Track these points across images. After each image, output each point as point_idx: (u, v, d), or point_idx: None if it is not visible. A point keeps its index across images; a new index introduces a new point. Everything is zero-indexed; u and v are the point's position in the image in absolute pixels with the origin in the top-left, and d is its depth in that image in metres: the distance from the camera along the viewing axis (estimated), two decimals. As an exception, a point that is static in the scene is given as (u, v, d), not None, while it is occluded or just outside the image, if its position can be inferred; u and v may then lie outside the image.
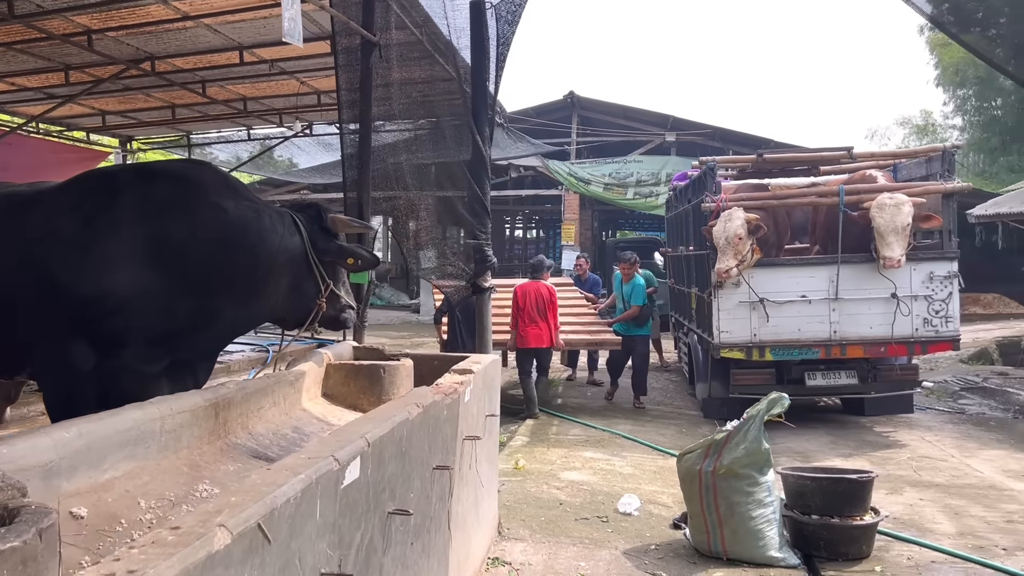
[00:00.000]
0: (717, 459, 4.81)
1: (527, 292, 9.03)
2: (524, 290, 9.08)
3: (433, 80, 6.31)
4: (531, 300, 8.96)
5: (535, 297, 8.98)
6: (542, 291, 9.05)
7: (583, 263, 12.55)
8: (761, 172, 9.69)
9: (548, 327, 9.02)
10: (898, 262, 7.80)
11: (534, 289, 9.05)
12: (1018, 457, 7.50)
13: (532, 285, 9.13)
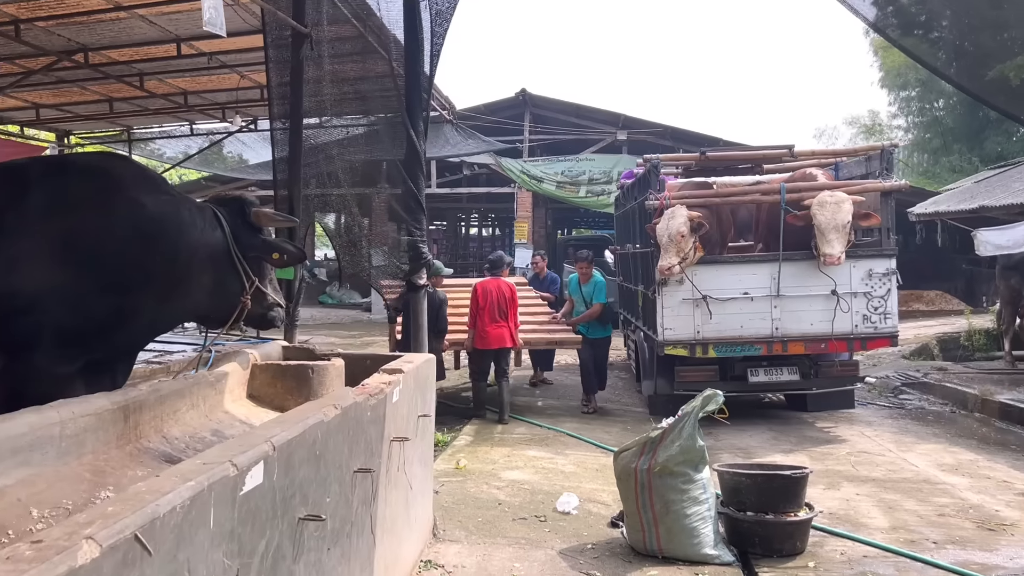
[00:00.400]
0: (652, 457, 4.79)
1: (488, 290, 8.60)
2: (484, 288, 8.64)
3: (367, 76, 6.18)
4: (492, 298, 8.54)
5: (496, 295, 8.58)
6: (503, 288, 8.67)
7: (540, 261, 12.25)
8: (706, 170, 9.74)
9: (509, 326, 8.66)
10: (838, 259, 7.89)
11: (495, 286, 8.65)
12: (953, 451, 7.64)
13: (492, 282, 8.74)
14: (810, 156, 9.09)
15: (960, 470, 6.91)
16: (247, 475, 2.27)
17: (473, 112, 19.90)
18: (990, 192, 11.76)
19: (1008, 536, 5.21)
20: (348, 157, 5.63)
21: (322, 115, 5.46)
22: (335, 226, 4.99)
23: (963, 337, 14.46)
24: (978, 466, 7.06)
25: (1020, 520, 5.53)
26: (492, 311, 8.50)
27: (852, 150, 8.70)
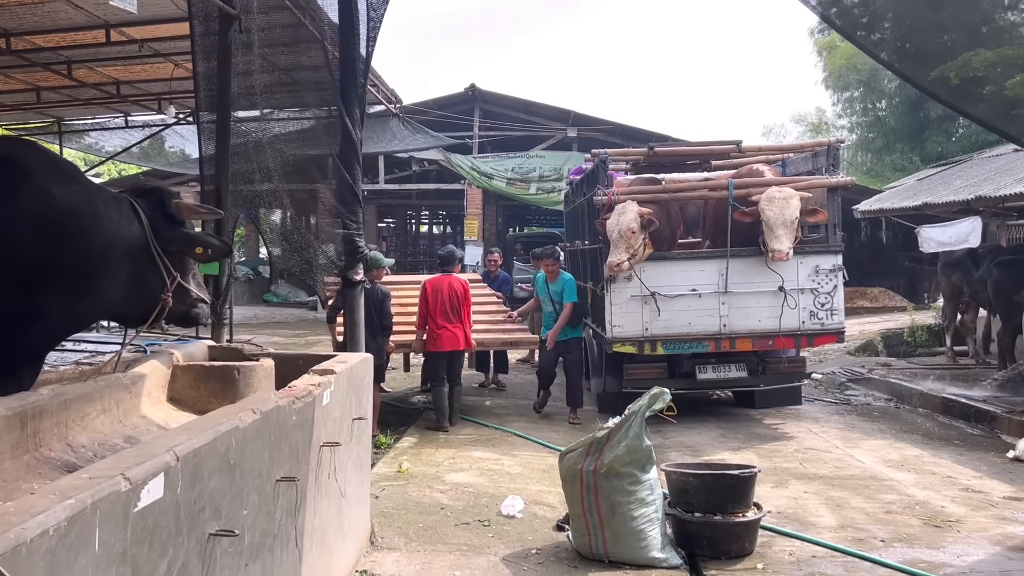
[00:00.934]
0: (598, 458, 4.64)
1: (439, 288, 7.95)
2: (435, 285, 8.00)
3: (301, 63, 5.90)
4: (443, 297, 7.91)
5: (448, 293, 7.94)
6: (455, 286, 8.03)
7: (497, 258, 11.52)
8: (655, 166, 9.66)
9: (463, 327, 8.06)
10: (787, 255, 7.84)
11: (446, 284, 8.01)
12: (898, 447, 7.66)
13: (444, 279, 8.08)
14: (757, 152, 9.07)
15: (906, 466, 6.92)
16: (143, 489, 2.05)
17: (422, 107, 19.62)
18: (932, 190, 11.92)
19: (954, 533, 5.18)
20: (280, 147, 5.36)
21: (253, 104, 5.17)
22: (267, 220, 4.72)
23: (906, 333, 14.68)
24: (923, 462, 7.07)
25: (965, 516, 5.52)
26: (444, 310, 7.89)
27: (799, 146, 8.70)
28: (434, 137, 16.54)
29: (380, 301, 7.43)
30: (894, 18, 6.86)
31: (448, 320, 7.91)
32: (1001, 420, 8.65)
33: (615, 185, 8.53)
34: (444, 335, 7.92)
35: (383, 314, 7.54)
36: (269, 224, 4.74)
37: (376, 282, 7.48)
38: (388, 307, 7.67)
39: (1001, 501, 5.92)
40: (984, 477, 6.58)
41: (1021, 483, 6.42)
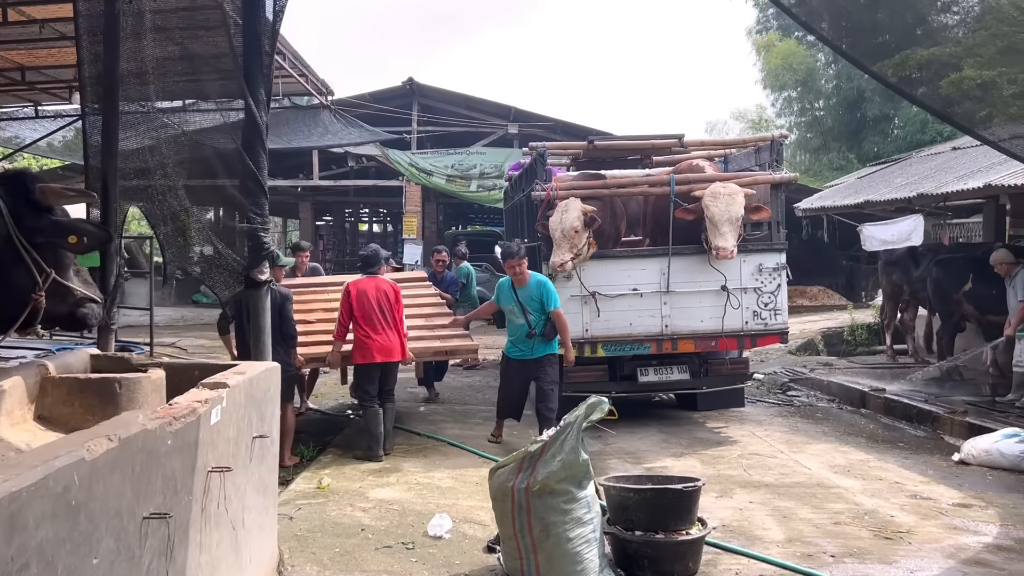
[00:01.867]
0: (531, 474, 4.24)
1: (364, 291, 6.92)
2: (360, 289, 6.93)
3: (198, 35, 5.35)
4: (371, 301, 6.89)
5: (376, 297, 6.92)
6: (384, 289, 7.03)
7: (444, 258, 10.47)
8: (595, 162, 9.33)
9: (396, 335, 7.03)
10: (732, 253, 7.57)
11: (373, 287, 6.98)
12: (843, 451, 7.45)
13: (369, 282, 7.03)
14: (699, 147, 8.81)
15: (852, 471, 6.69)
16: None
17: (358, 100, 19.03)
18: (873, 188, 11.87)
19: (905, 545, 4.93)
20: (175, 133, 4.82)
21: (144, 84, 4.64)
22: (158, 212, 4.23)
23: (846, 332, 14.66)
24: (869, 466, 6.86)
25: (916, 526, 5.28)
26: (373, 317, 6.91)
27: (742, 141, 8.47)
28: (370, 131, 15.99)
29: (279, 305, 6.32)
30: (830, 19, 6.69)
31: (379, 327, 6.91)
32: (943, 421, 8.54)
33: (554, 181, 8.14)
34: (377, 343, 6.90)
35: (285, 320, 6.52)
36: (159, 215, 4.21)
37: (274, 283, 6.71)
38: (289, 312, 6.66)
39: (950, 508, 5.71)
40: (931, 482, 6.39)
41: (969, 488, 6.24)
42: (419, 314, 8.13)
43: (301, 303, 7.81)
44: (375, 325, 6.87)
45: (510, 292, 7.18)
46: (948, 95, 5.88)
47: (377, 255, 7.42)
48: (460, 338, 7.94)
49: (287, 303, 6.62)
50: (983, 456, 7.00)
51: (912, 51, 5.65)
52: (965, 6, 6.07)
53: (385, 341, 6.92)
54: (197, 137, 4.79)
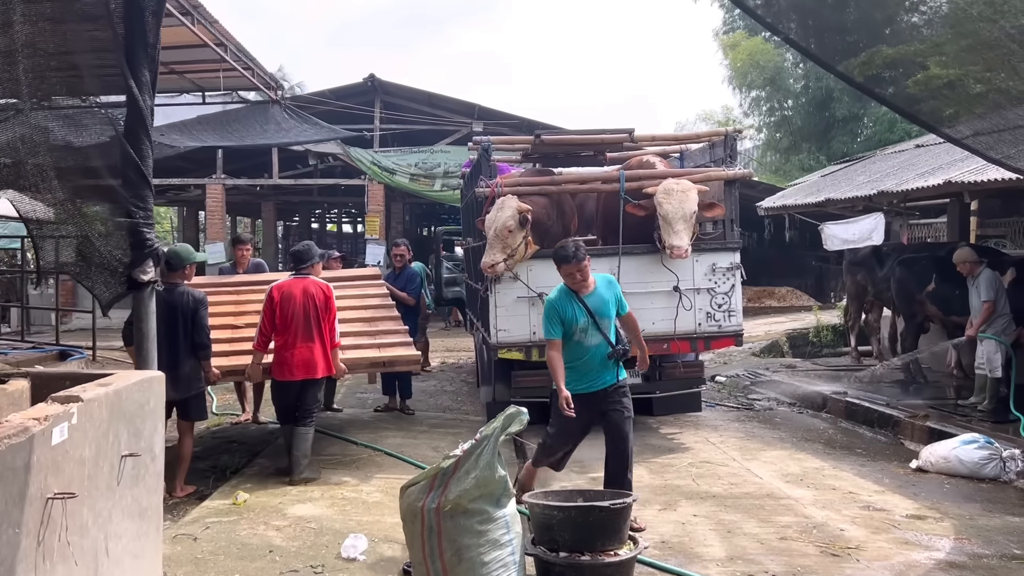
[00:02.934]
0: (443, 493, 3.88)
1: (289, 295, 6.10)
2: (285, 291, 6.12)
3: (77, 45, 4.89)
4: (295, 307, 6.07)
5: (302, 302, 6.09)
6: (312, 292, 6.15)
7: (404, 252, 9.33)
8: (549, 159, 9.00)
9: (322, 346, 6.17)
10: (686, 251, 7.25)
11: (300, 290, 6.13)
12: (799, 458, 7.16)
13: (297, 284, 6.19)
14: (650, 141, 8.47)
15: (805, 480, 6.39)
16: None
17: (318, 97, 18.56)
18: (835, 186, 11.64)
19: (853, 563, 4.62)
20: (45, 124, 4.39)
21: (14, 74, 4.22)
22: (28, 205, 3.84)
23: (812, 333, 14.46)
24: (823, 475, 6.57)
25: (865, 541, 4.98)
26: (295, 325, 6.04)
27: (695, 135, 8.16)
28: (328, 129, 15.53)
29: (192, 310, 5.81)
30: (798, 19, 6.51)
31: (301, 338, 6.06)
32: (904, 425, 8.31)
33: (499, 177, 7.79)
34: (296, 357, 6.06)
35: (197, 327, 5.86)
36: (33, 211, 3.81)
37: (184, 284, 5.98)
38: (203, 318, 5.92)
39: (904, 520, 5.42)
40: (887, 491, 6.11)
41: (925, 497, 5.96)
42: (360, 317, 7.49)
43: (232, 304, 7.36)
44: (297, 335, 6.06)
45: (576, 306, 5.20)
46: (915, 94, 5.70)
47: (309, 251, 6.52)
48: (402, 346, 7.10)
49: (201, 308, 5.92)
50: (941, 463, 6.74)
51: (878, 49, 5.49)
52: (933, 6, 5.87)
53: (306, 354, 6.07)
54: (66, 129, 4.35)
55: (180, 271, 5.94)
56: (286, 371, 6.13)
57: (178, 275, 5.94)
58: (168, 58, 10.41)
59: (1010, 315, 8.24)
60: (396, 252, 9.33)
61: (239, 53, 10.19)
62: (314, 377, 6.19)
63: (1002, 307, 8.22)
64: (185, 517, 5.21)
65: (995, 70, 5.24)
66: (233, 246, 8.42)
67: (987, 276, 8.34)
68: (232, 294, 7.49)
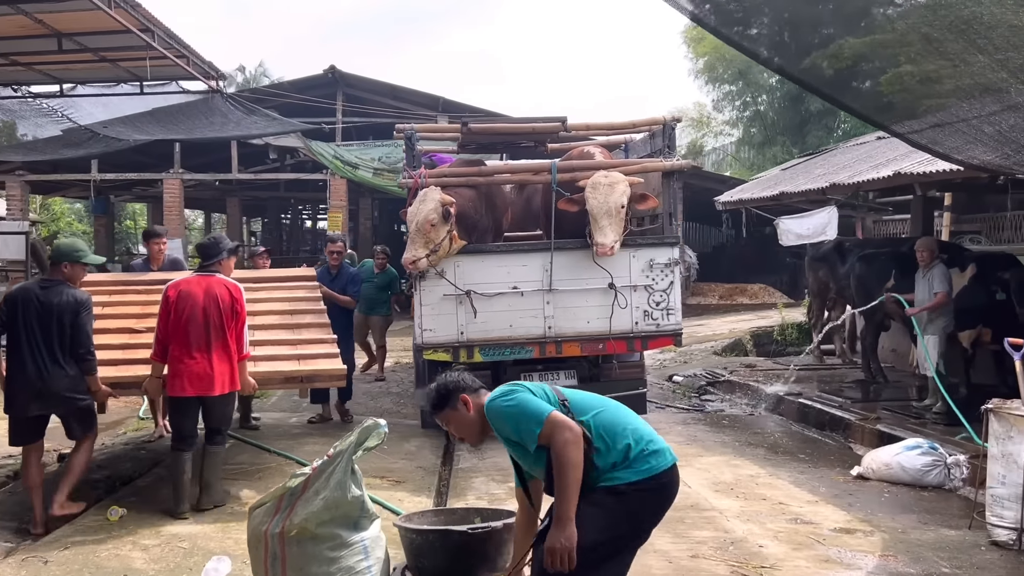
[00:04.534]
0: (288, 515, 3.47)
1: (188, 295, 5.24)
2: (183, 292, 5.26)
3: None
4: (194, 309, 5.21)
5: (203, 304, 5.23)
6: (216, 292, 5.29)
7: (340, 248, 8.46)
8: (486, 148, 8.61)
9: (225, 358, 5.26)
10: (611, 249, 6.87)
11: (202, 291, 5.28)
12: (736, 464, 6.78)
13: (199, 282, 5.36)
14: (585, 130, 8.08)
15: (736, 489, 6.01)
16: None
17: (277, 90, 18.12)
18: (792, 179, 11.27)
19: (762, 586, 4.24)
20: None
21: None
22: None
23: (776, 331, 14.09)
24: (757, 483, 6.18)
25: (783, 559, 4.60)
26: (193, 332, 5.18)
27: (631, 123, 7.74)
28: (282, 121, 15.05)
29: (72, 313, 5.01)
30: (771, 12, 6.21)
31: (198, 347, 5.18)
32: (855, 429, 7.94)
33: (423, 166, 7.39)
34: (190, 369, 5.17)
35: (77, 332, 5.03)
36: None
37: (68, 285, 5.16)
38: (84, 323, 5.06)
39: (830, 535, 5.04)
40: (820, 501, 5.73)
41: (859, 508, 5.59)
42: (282, 324, 6.55)
43: (137, 305, 6.54)
44: (192, 343, 5.17)
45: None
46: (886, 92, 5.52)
47: (216, 245, 5.71)
48: (326, 358, 6.03)
49: (82, 313, 5.07)
50: (883, 470, 6.37)
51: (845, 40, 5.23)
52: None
53: (203, 367, 5.17)
54: None
55: (58, 267, 5.21)
56: (178, 385, 5.22)
57: (57, 271, 5.22)
58: (94, 44, 9.98)
59: (952, 317, 7.94)
60: (332, 249, 8.29)
61: (170, 40, 9.74)
62: (210, 394, 5.23)
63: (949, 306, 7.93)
64: (47, 536, 4.79)
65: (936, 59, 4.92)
66: (145, 240, 7.61)
67: (942, 269, 8.03)
68: (139, 294, 6.72)
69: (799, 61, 5.67)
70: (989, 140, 5.51)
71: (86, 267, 5.41)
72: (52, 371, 5.00)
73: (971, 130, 5.52)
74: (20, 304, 5.05)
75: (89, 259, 5.34)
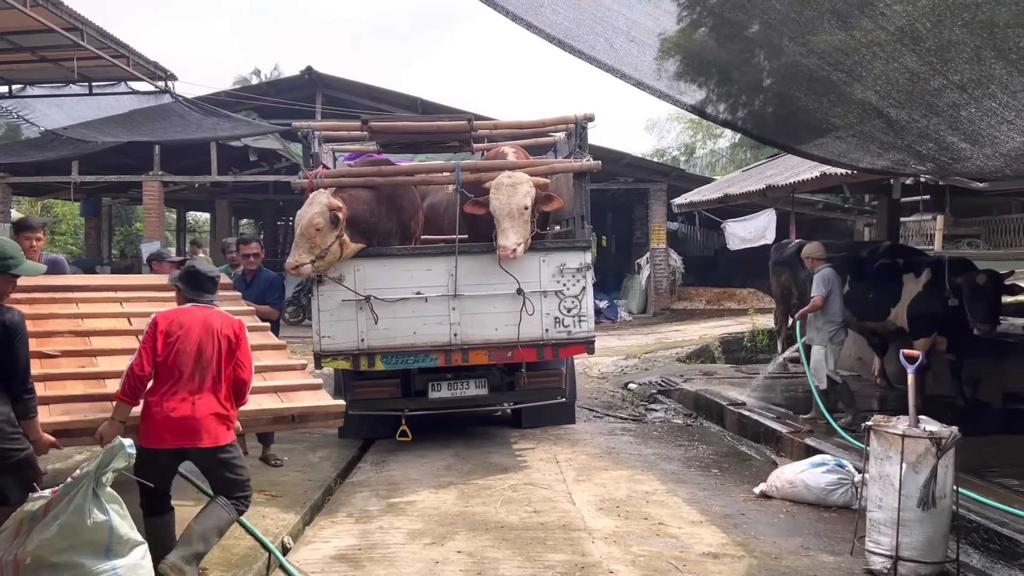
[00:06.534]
0: (24, 541, 3.22)
1: (186, 330, 4.26)
2: (178, 322, 4.29)
3: None
4: (187, 345, 4.23)
5: (198, 339, 4.26)
6: (218, 328, 4.33)
7: (257, 249, 7.26)
8: (408, 147, 8.35)
9: (216, 403, 4.24)
10: (513, 252, 6.56)
11: (199, 323, 4.30)
12: (638, 479, 6.44)
13: (195, 314, 4.35)
14: (493, 129, 7.77)
15: (622, 508, 5.67)
16: None
17: (254, 92, 18.00)
18: (746, 179, 10.87)
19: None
20: None
21: None
22: None
23: (747, 337, 13.67)
24: (648, 501, 5.84)
25: (626, 588, 4.27)
26: (180, 371, 4.19)
27: (540, 122, 7.41)
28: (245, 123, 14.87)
29: (3, 339, 3.81)
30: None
31: (185, 387, 4.19)
32: (785, 441, 7.55)
33: (320, 169, 7.13)
34: (173, 415, 4.12)
35: (14, 364, 3.83)
36: None
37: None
38: (19, 350, 3.85)
39: (694, 560, 4.70)
40: (705, 523, 5.38)
41: (743, 530, 5.23)
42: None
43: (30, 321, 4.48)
44: (181, 384, 4.18)
45: None
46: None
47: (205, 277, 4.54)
48: (309, 391, 4.98)
49: (14, 338, 3.83)
50: (787, 488, 6.00)
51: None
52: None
53: (187, 411, 4.14)
54: None
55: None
56: (154, 436, 4.11)
57: None
58: (28, 43, 9.86)
59: (840, 325, 7.64)
60: (247, 252, 7.14)
61: (103, 39, 9.58)
62: (199, 445, 4.15)
63: (835, 313, 7.62)
64: None
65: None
66: (16, 232, 5.94)
67: (823, 274, 7.77)
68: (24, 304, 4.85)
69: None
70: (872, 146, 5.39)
71: (14, 279, 3.99)
72: None
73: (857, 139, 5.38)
74: None
75: (21, 269, 3.96)
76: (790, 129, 6.15)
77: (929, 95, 4.02)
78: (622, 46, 4.18)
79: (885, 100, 4.23)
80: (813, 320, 7.69)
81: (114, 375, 4.47)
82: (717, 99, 6.10)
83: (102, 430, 4.07)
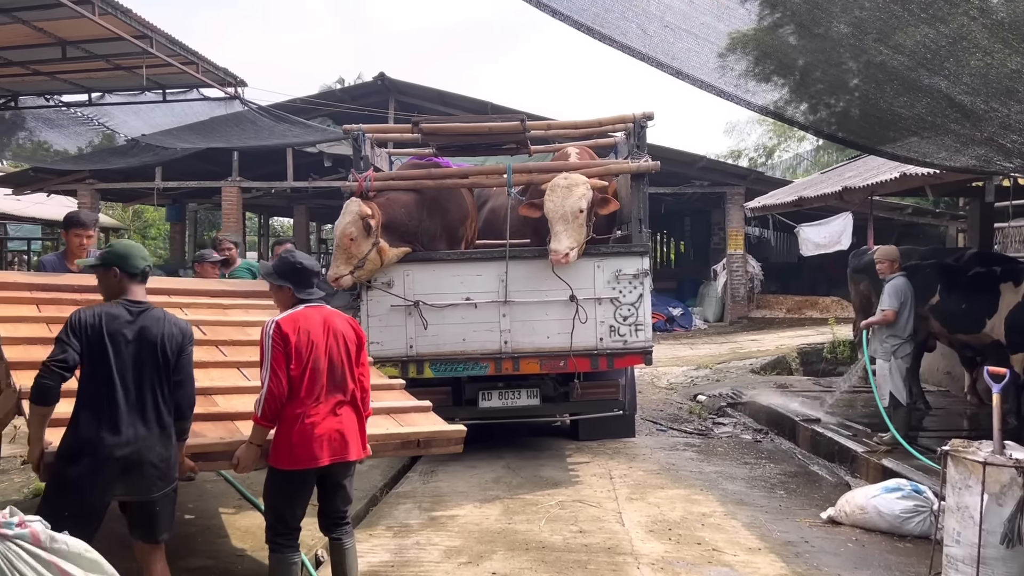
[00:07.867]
0: None
1: (309, 334, 3.82)
2: (304, 329, 3.81)
3: None
4: (317, 351, 3.82)
5: (326, 345, 3.86)
6: (338, 328, 3.94)
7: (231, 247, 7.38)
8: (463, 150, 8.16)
9: (355, 412, 3.93)
10: (565, 256, 6.30)
11: (320, 325, 3.88)
12: (696, 499, 6.05)
13: (312, 314, 3.89)
14: (546, 129, 7.49)
15: (674, 531, 5.31)
16: None
17: (327, 99, 18.19)
18: (822, 182, 10.27)
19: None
20: None
21: None
22: None
23: (827, 348, 12.99)
24: (704, 524, 5.46)
25: (666, 622, 3.93)
26: (316, 381, 3.80)
27: (597, 121, 7.10)
28: (315, 129, 15.03)
29: (178, 348, 3.58)
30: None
31: (325, 398, 3.81)
32: (860, 462, 7.03)
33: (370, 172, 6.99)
34: (323, 429, 3.77)
35: (180, 376, 3.58)
36: None
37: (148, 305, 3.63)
38: (185, 364, 3.61)
39: (746, 593, 4.32)
40: (763, 550, 4.97)
41: (805, 560, 4.81)
42: None
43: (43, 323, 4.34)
44: (325, 393, 3.81)
45: None
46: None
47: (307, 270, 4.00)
48: (419, 412, 4.67)
49: (172, 345, 3.55)
50: (857, 515, 5.53)
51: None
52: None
53: (336, 424, 3.81)
54: None
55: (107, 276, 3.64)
56: (303, 454, 3.73)
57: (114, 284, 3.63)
58: (100, 51, 10.10)
59: (906, 339, 7.08)
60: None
61: (172, 46, 9.73)
62: (348, 459, 3.85)
63: (901, 327, 7.06)
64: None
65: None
66: (66, 229, 5.47)
67: (896, 284, 7.15)
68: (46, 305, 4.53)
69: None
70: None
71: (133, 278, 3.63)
72: (149, 434, 3.46)
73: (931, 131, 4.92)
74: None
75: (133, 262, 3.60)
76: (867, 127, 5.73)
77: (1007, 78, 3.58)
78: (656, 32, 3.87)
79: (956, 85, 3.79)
80: (878, 332, 7.15)
81: (216, 391, 4.28)
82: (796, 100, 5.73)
83: (239, 455, 3.76)
